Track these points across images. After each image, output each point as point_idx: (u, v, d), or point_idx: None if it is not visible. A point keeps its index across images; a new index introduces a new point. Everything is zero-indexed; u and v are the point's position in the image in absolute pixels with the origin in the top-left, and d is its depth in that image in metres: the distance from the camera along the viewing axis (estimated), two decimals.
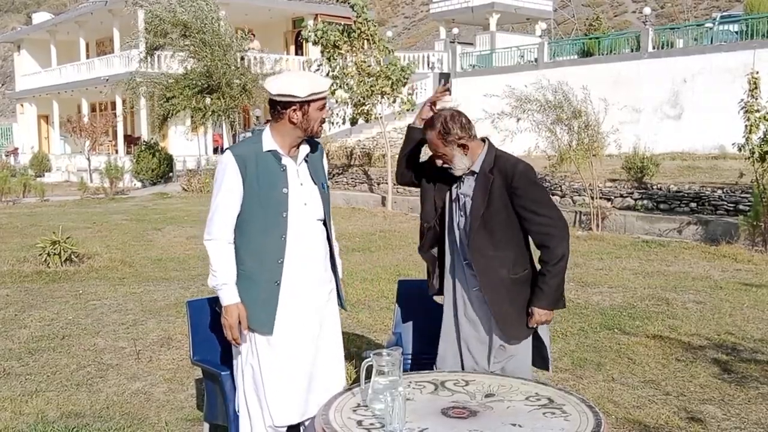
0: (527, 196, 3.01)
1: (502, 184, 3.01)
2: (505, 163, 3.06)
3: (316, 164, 3.08)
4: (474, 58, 26.16)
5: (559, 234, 3.02)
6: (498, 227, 3.04)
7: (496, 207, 3.03)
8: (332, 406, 2.62)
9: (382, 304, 6.88)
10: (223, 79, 18.90)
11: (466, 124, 3.05)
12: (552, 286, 3.04)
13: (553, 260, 3.01)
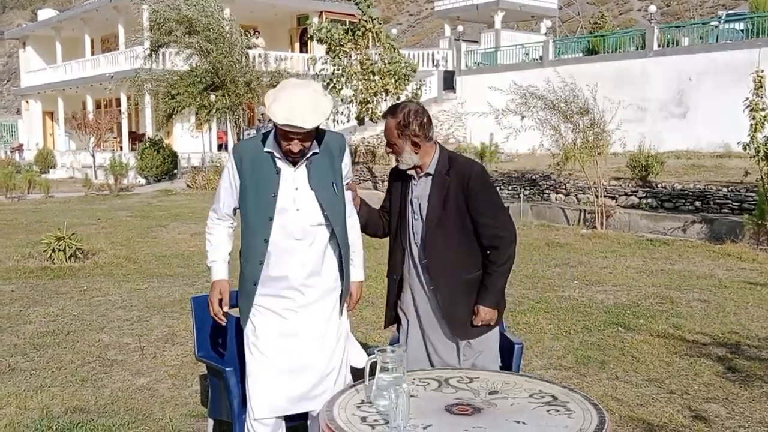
0: (481, 198, 3.07)
1: (458, 185, 3.06)
2: (462, 165, 3.12)
3: (322, 166, 2.98)
4: (479, 55, 26.14)
5: (509, 236, 3.10)
6: (453, 228, 3.09)
7: (452, 208, 3.07)
8: (336, 403, 2.63)
9: (380, 304, 6.87)
10: (228, 76, 18.92)
11: (426, 124, 3.08)
12: (497, 285, 3.12)
13: (501, 261, 3.09)
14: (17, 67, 44.93)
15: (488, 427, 2.38)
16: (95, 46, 32.94)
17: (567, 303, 6.71)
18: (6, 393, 4.47)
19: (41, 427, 3.91)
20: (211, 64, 18.76)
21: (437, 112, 24.37)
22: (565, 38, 28.00)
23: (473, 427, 2.38)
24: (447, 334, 3.17)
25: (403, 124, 3.05)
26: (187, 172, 22.70)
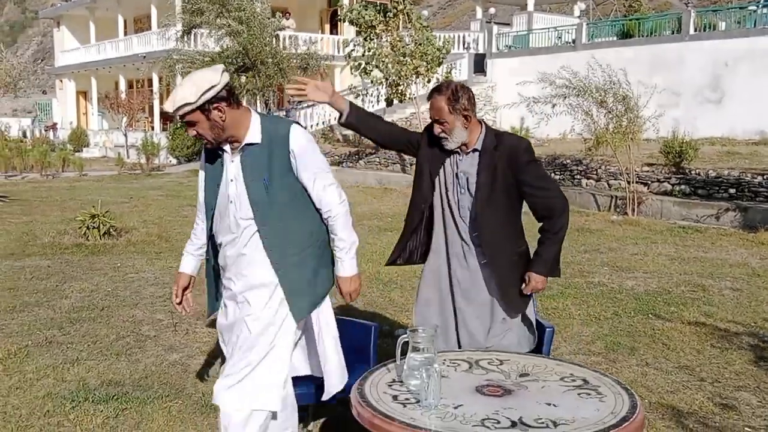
0: (532, 171, 3.14)
1: (507, 161, 3.12)
2: (510, 141, 3.20)
3: (257, 159, 2.83)
4: (510, 38, 25.84)
5: (562, 204, 3.16)
6: (502, 203, 3.15)
7: (500, 184, 3.13)
8: (367, 381, 2.66)
9: (414, 283, 6.86)
10: (258, 57, 18.96)
11: (473, 99, 3.14)
12: (552, 253, 3.17)
13: (555, 229, 3.15)
14: (51, 47, 45.50)
15: (519, 409, 2.39)
16: (128, 27, 33.17)
17: (596, 289, 6.68)
18: (44, 365, 4.59)
19: (78, 399, 4.02)
20: (241, 46, 18.81)
21: None
22: (599, 21, 27.54)
23: (504, 408, 2.39)
24: (481, 310, 3.20)
25: (454, 98, 3.09)
26: None
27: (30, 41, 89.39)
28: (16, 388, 4.19)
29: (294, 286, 2.90)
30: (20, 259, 7.96)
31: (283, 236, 2.88)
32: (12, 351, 4.82)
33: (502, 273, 3.17)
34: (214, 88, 2.73)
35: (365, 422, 2.39)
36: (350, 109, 3.29)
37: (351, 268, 2.96)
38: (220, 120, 2.78)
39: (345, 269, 2.96)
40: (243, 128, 2.84)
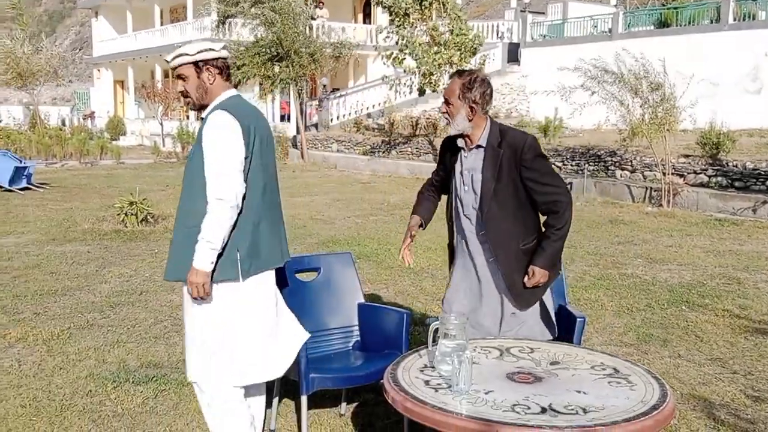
0: (536, 168, 3.11)
1: (511, 157, 3.10)
2: (514, 136, 3.16)
3: (199, 137, 2.94)
4: (545, 27, 25.59)
5: (566, 200, 3.15)
6: (508, 199, 3.15)
7: (505, 180, 3.12)
8: (400, 366, 2.72)
9: (445, 272, 6.91)
10: (292, 47, 19.08)
11: (487, 95, 3.14)
12: (555, 248, 3.17)
13: (560, 224, 3.13)
14: (89, 36, 46.22)
15: (549, 395, 2.43)
16: (164, 16, 33.59)
17: (629, 281, 6.64)
18: (85, 347, 4.74)
19: (119, 379, 4.15)
20: (275, 35, 18.93)
21: (500, 85, 24.04)
22: (635, 10, 27.11)
23: (534, 395, 2.43)
24: (491, 305, 3.22)
25: (468, 86, 3.11)
26: None
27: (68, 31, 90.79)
28: (60, 369, 4.34)
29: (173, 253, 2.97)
30: (61, 245, 8.18)
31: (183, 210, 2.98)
32: (55, 333, 4.98)
33: (508, 268, 3.18)
34: (212, 52, 2.98)
35: (398, 405, 2.45)
36: (422, 219, 3.57)
37: (197, 260, 2.80)
38: (207, 81, 2.97)
39: (194, 259, 2.82)
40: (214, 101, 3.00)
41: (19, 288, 6.22)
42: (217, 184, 2.81)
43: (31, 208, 11.00)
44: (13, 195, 12.61)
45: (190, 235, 2.84)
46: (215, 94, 2.98)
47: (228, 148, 2.85)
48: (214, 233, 2.80)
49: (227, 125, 2.86)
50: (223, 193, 2.80)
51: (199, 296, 2.83)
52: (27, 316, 5.41)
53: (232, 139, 2.86)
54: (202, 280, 2.80)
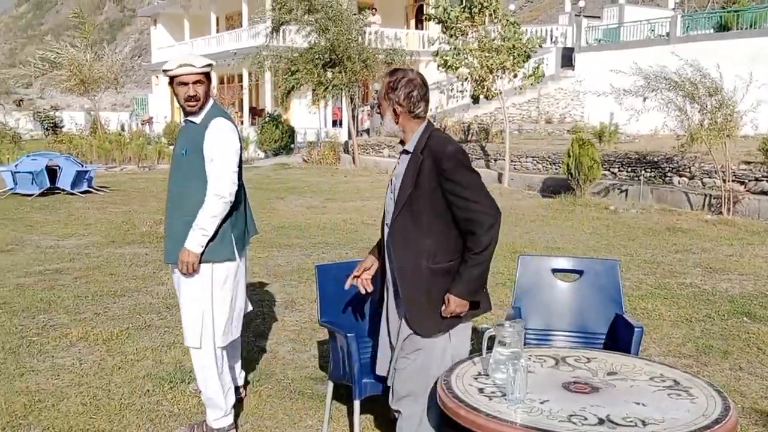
0: (455, 179, 2.80)
1: (432, 165, 2.83)
2: (436, 142, 2.87)
3: (192, 132, 3.44)
4: (600, 32, 25.20)
5: (487, 221, 2.77)
6: (424, 211, 2.85)
7: (424, 190, 2.84)
8: (454, 373, 2.70)
9: (498, 279, 6.88)
10: (345, 53, 19.24)
11: (414, 98, 2.89)
12: (472, 275, 2.80)
13: (477, 248, 2.78)
14: (147, 44, 47.49)
15: (606, 406, 2.38)
16: (220, 24, 34.29)
17: (688, 290, 6.47)
18: (143, 347, 4.86)
19: (175, 380, 4.24)
20: (329, 42, 19.13)
21: (554, 90, 23.80)
22: (694, 13, 26.47)
23: (591, 405, 2.39)
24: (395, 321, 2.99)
25: (392, 87, 2.90)
26: (303, 147, 23.38)
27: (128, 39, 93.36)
28: (119, 368, 4.46)
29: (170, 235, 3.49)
30: (121, 247, 8.41)
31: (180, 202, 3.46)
32: (114, 333, 5.12)
33: (411, 286, 2.88)
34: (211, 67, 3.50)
35: (451, 412, 2.44)
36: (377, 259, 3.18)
37: (191, 244, 3.34)
38: (211, 88, 3.55)
39: (186, 242, 3.36)
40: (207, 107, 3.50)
41: (80, 288, 6.42)
42: (218, 184, 3.33)
43: (91, 211, 11.34)
44: (75, 198, 13.01)
45: (188, 224, 3.36)
46: (208, 101, 3.51)
47: (230, 153, 3.39)
48: (210, 224, 3.34)
49: (231, 132, 3.43)
50: (222, 191, 3.32)
51: (188, 272, 3.38)
52: (88, 316, 5.57)
53: (233, 145, 3.42)
54: (193, 260, 3.36)
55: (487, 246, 2.78)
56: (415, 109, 2.92)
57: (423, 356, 2.88)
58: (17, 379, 4.25)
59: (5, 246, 8.39)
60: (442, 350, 2.90)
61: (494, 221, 2.79)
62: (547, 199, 13.04)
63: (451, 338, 2.91)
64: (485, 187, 2.86)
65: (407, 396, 2.93)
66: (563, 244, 8.77)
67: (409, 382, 2.92)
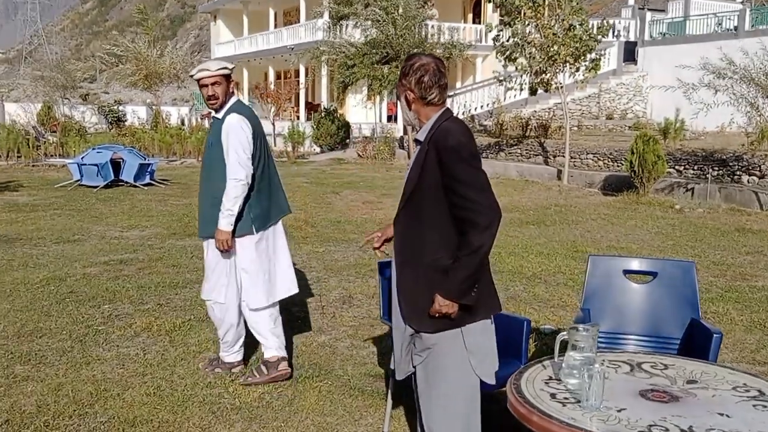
0: (452, 174, 2.64)
1: (434, 155, 2.69)
2: (440, 133, 2.72)
3: (215, 127, 4.10)
4: (665, 25, 24.50)
5: (481, 222, 2.60)
6: (427, 203, 2.72)
7: (428, 182, 2.71)
8: (523, 377, 2.62)
9: (559, 279, 6.73)
10: (402, 48, 19.16)
11: (426, 83, 2.75)
12: (459, 277, 2.63)
13: (466, 249, 2.61)
14: (207, 39, 48.31)
15: (688, 417, 2.26)
16: (278, 19, 34.63)
17: (761, 294, 6.20)
18: (205, 338, 4.90)
19: (236, 372, 4.25)
20: (386, 36, 19.07)
21: (616, 85, 23.25)
22: (762, 7, 25.47)
23: (672, 416, 2.27)
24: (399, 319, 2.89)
25: (404, 72, 2.79)
26: (358, 142, 23.42)
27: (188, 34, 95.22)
28: (181, 359, 4.50)
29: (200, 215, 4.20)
30: (182, 239, 8.54)
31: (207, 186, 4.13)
32: (177, 324, 5.18)
33: (411, 282, 2.78)
34: (227, 69, 4.11)
35: (522, 418, 2.36)
36: None
37: (221, 223, 3.96)
38: (229, 89, 4.10)
39: (218, 223, 3.96)
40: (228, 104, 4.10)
41: (143, 279, 6.53)
42: (232, 170, 3.92)
43: (153, 203, 11.57)
44: (138, 190, 13.31)
45: (215, 205, 3.97)
46: (229, 99, 4.10)
47: (238, 143, 3.94)
48: (233, 204, 3.93)
49: (243, 126, 3.98)
50: (237, 174, 3.92)
51: (224, 248, 4.00)
52: (151, 307, 5.65)
53: (240, 136, 3.96)
54: (225, 237, 3.97)
55: (478, 248, 2.61)
56: (428, 95, 2.77)
57: (434, 355, 2.78)
58: (84, 367, 4.33)
59: (72, 236, 8.62)
60: (456, 350, 2.76)
61: (489, 223, 2.61)
62: (608, 197, 12.73)
63: (464, 338, 2.76)
64: (487, 185, 2.68)
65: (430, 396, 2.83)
66: (627, 243, 8.52)
67: (426, 383, 2.83)
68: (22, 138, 18.79)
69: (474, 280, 2.69)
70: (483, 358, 2.83)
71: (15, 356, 4.48)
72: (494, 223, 2.63)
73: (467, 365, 2.77)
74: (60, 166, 16.90)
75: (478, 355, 2.80)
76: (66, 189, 13.21)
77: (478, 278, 2.72)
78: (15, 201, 11.59)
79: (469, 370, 2.77)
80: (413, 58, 2.86)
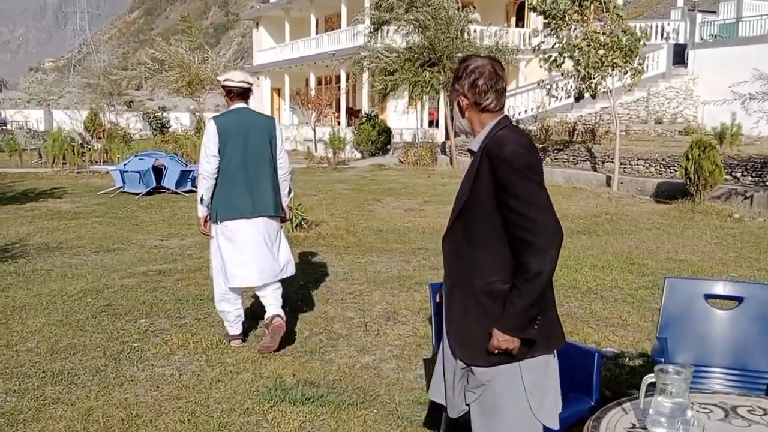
0: (507, 189, 2.37)
1: (488, 169, 2.42)
2: (494, 143, 2.44)
3: None
4: (716, 27, 23.70)
5: (540, 244, 2.32)
6: (478, 222, 2.46)
7: (479, 197, 2.44)
8: (602, 423, 2.28)
9: (617, 294, 6.33)
10: (444, 52, 18.83)
11: (480, 87, 2.48)
12: (517, 307, 2.36)
13: (524, 274, 2.35)
14: (250, 47, 48.65)
15: None
16: (319, 26, 34.60)
17: None
18: (242, 358, 4.65)
19: (275, 398, 3.98)
20: (428, 40, 18.77)
21: (665, 89, 22.53)
22: None
23: None
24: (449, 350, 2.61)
25: (457, 75, 2.55)
26: (399, 148, 23.14)
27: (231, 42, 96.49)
28: (218, 381, 4.25)
29: None
30: None
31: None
32: (214, 342, 4.94)
33: (462, 307, 2.51)
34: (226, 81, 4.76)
35: None
36: None
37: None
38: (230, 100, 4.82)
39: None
40: None
41: (181, 291, 6.33)
42: (200, 163, 4.66)
43: (194, 211, 11.38)
44: (179, 197, 13.24)
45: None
46: (229, 106, 4.82)
47: (206, 142, 4.61)
48: (198, 192, 4.73)
49: (209, 127, 4.65)
50: (201, 168, 4.65)
51: (202, 232, 4.88)
52: (188, 322, 5.44)
53: (208, 136, 4.61)
54: (198, 220, 4.86)
55: (537, 273, 2.33)
56: (482, 101, 2.51)
57: (489, 394, 2.51)
58: (116, 389, 4.11)
59: (112, 245, 8.50)
60: (513, 389, 2.48)
61: (549, 245, 2.34)
62: (661, 205, 12.20)
63: (523, 375, 2.48)
64: (546, 201, 2.39)
65: None
66: (686, 255, 8.06)
67: (481, 424, 2.54)
68: (68, 145, 18.98)
69: (536, 311, 2.41)
70: (543, 399, 2.53)
71: (47, 375, 4.29)
72: (554, 245, 2.36)
73: (526, 406, 2.48)
74: (104, 173, 17.00)
75: (538, 395, 2.51)
76: (108, 196, 13.21)
77: (541, 309, 2.42)
78: (58, 208, 11.59)
79: (529, 412, 2.48)
80: (467, 60, 2.59)
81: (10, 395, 3.99)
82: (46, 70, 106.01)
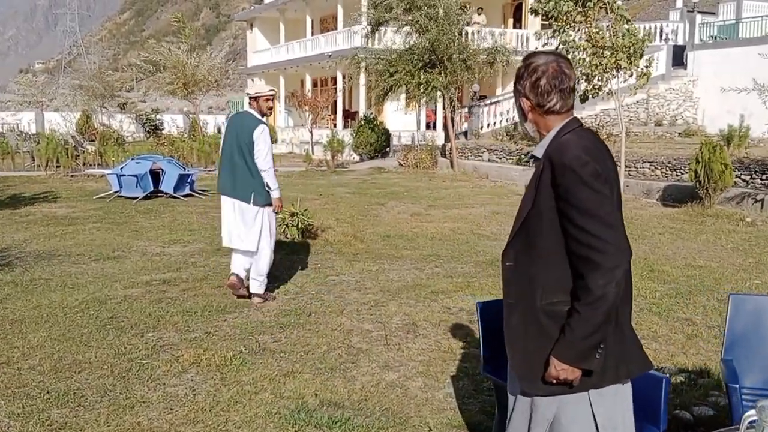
0: (570, 199, 2.13)
1: (549, 178, 2.20)
2: (556, 148, 2.22)
3: None
4: (715, 28, 23.58)
5: (603, 264, 2.08)
6: (540, 235, 2.23)
7: (542, 208, 2.22)
8: None
9: (641, 303, 6.09)
10: (445, 53, 18.59)
11: (543, 87, 2.26)
12: (577, 333, 2.12)
13: (586, 297, 2.10)
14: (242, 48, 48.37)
15: None
16: (315, 27, 34.32)
17: None
18: (260, 375, 4.38)
19: (299, 421, 3.72)
20: (429, 41, 18.53)
21: (664, 91, 22.39)
22: None
23: None
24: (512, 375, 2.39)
25: (518, 75, 2.34)
26: (398, 150, 22.88)
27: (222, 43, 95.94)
28: (236, 402, 3.98)
29: None
30: (226, 255, 7.98)
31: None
32: (228, 357, 4.67)
33: (518, 332, 2.29)
34: None
35: None
36: None
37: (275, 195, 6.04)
38: None
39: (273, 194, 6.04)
40: None
41: (188, 302, 6.06)
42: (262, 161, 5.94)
43: (194, 216, 11.16)
44: (178, 201, 12.93)
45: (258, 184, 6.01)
46: None
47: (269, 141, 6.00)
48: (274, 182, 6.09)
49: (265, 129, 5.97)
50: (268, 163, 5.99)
51: None
52: (198, 336, 5.17)
53: None
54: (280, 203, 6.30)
55: (600, 297, 2.08)
56: (546, 102, 2.28)
57: (556, 427, 2.28)
58: (127, 411, 3.84)
59: (112, 252, 8.21)
60: (582, 421, 2.25)
61: (615, 265, 2.08)
62: (669, 209, 12.00)
63: (593, 406, 2.25)
64: (614, 215, 2.13)
65: None
66: (705, 261, 7.84)
67: None
68: (62, 148, 18.61)
69: (598, 338, 2.15)
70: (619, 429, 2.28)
71: (52, 396, 4.01)
72: (621, 265, 2.10)
73: None
74: (98, 176, 16.67)
75: (610, 428, 2.26)
76: (105, 200, 12.89)
77: (604, 335, 2.16)
78: (54, 213, 11.28)
79: None
80: (530, 58, 2.35)
81: (14, 419, 3.71)
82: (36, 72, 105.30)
